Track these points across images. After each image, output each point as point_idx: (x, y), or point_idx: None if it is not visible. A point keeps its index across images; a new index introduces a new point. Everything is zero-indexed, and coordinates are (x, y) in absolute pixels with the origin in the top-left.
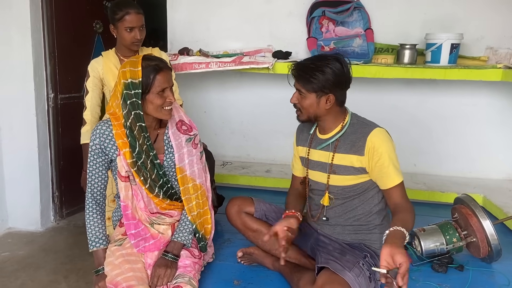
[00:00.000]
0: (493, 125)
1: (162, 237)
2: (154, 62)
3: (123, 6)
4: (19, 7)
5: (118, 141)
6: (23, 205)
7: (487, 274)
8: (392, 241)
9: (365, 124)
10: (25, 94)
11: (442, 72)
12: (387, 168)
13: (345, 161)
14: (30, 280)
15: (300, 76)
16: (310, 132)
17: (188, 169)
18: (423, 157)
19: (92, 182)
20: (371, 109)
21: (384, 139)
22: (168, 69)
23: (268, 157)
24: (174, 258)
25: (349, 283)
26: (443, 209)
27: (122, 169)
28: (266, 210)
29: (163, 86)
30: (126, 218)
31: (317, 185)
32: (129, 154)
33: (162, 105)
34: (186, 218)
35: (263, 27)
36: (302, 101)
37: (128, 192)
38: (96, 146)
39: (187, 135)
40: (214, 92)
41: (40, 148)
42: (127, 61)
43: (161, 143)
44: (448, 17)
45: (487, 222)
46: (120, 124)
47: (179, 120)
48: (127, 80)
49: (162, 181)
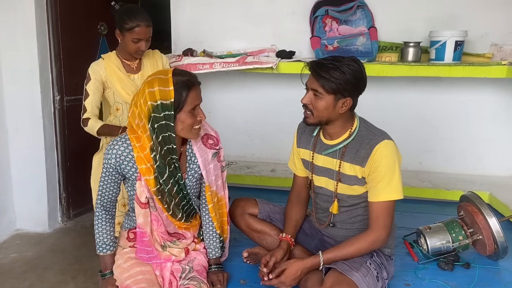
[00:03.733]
0: (498, 122)
1: (175, 258)
2: (185, 77)
3: (134, 17)
4: (24, 10)
5: (140, 166)
6: (31, 206)
7: (493, 272)
8: (301, 261)
9: (373, 134)
10: (31, 96)
11: (446, 70)
12: (378, 182)
13: (350, 170)
14: (39, 281)
15: (320, 76)
16: (313, 134)
17: (214, 185)
18: (428, 155)
19: (103, 195)
20: (375, 108)
21: (388, 153)
22: (198, 84)
23: (273, 157)
24: (218, 266)
25: (357, 284)
26: (449, 207)
27: (142, 195)
28: (269, 211)
29: (195, 103)
30: (141, 243)
31: (321, 190)
32: (153, 181)
33: (193, 124)
34: (211, 231)
35: (267, 27)
36: (316, 103)
37: (147, 218)
38: (111, 165)
39: (213, 149)
40: (218, 92)
41: (46, 150)
42: (154, 78)
43: (184, 160)
44: (452, 14)
45: (493, 219)
46: (142, 146)
47: (204, 134)
48: (156, 102)
49: (184, 202)
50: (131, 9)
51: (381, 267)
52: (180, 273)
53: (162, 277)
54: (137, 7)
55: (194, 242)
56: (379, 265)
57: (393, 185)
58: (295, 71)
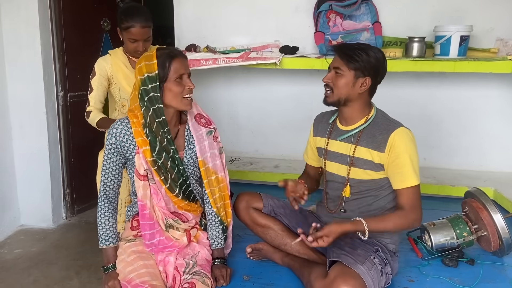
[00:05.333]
0: (503, 117)
1: (176, 242)
2: (168, 50)
3: (130, 17)
4: (27, 6)
5: (137, 138)
6: (35, 202)
7: (498, 268)
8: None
9: (390, 121)
10: (35, 93)
11: (451, 65)
12: (402, 168)
13: (366, 155)
14: (43, 276)
15: (344, 53)
16: (330, 121)
17: (211, 162)
18: (433, 151)
19: (106, 181)
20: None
21: (407, 139)
22: (183, 56)
23: (276, 153)
24: (222, 260)
25: (361, 276)
26: (454, 203)
27: (140, 168)
28: (274, 206)
29: (180, 72)
30: (143, 218)
31: (333, 177)
32: (149, 152)
33: (181, 92)
34: (213, 220)
35: (270, 22)
36: (337, 80)
37: (147, 191)
38: (112, 145)
39: (207, 128)
40: (221, 88)
41: (50, 146)
42: (142, 56)
43: (182, 139)
44: (457, 9)
45: (498, 215)
46: (139, 122)
47: (197, 113)
48: (143, 75)
49: (181, 179)
50: (130, 9)
51: (385, 262)
52: (184, 267)
53: (165, 273)
54: (137, 6)
55: (196, 228)
56: (384, 260)
57: (417, 170)
58: (298, 66)
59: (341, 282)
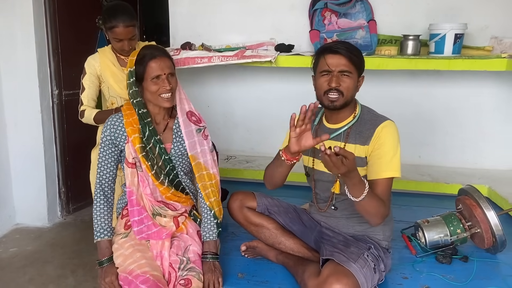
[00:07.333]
0: (498, 115)
1: (163, 228)
2: (150, 50)
3: (113, 17)
4: (21, 4)
5: (127, 128)
6: (30, 201)
7: (491, 265)
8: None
9: (375, 115)
10: (29, 91)
11: (446, 63)
12: (381, 158)
13: (354, 152)
14: (38, 275)
15: (353, 55)
16: (315, 123)
17: (201, 158)
18: (428, 149)
19: (101, 173)
20: (374, 101)
21: (392, 131)
22: (164, 57)
23: (272, 151)
24: (213, 256)
25: (354, 274)
26: (448, 201)
27: (129, 156)
28: (268, 204)
29: (156, 73)
30: (131, 204)
31: (323, 176)
32: (138, 139)
33: (157, 92)
34: (207, 214)
35: (265, 21)
36: (346, 83)
37: (134, 178)
38: (107, 137)
39: (197, 126)
40: (217, 86)
41: (45, 145)
42: (133, 52)
43: (170, 132)
44: (452, 6)
45: (491, 212)
46: (132, 112)
47: (189, 110)
48: (128, 69)
49: (168, 168)
50: (113, 8)
51: (378, 259)
52: (179, 264)
53: (162, 267)
54: (121, 5)
55: (184, 216)
56: (376, 257)
57: (395, 162)
58: (294, 64)
59: (333, 280)
